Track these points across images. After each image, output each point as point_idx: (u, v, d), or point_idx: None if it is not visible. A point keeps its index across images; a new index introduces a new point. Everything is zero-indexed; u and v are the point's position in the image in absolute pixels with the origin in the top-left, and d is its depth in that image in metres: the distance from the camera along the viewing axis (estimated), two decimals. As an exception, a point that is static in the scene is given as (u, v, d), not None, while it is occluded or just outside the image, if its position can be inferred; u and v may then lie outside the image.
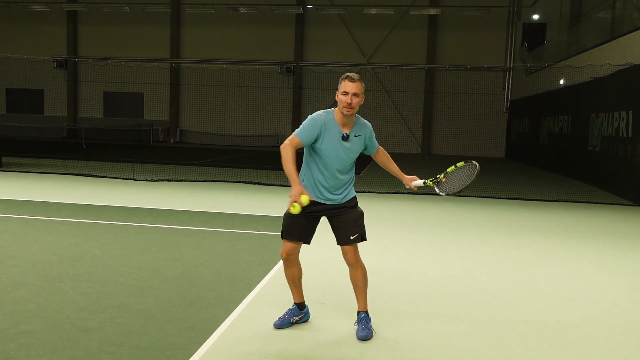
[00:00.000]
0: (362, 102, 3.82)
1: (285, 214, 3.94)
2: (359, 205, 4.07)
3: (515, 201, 11.74)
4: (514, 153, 27.38)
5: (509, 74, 28.50)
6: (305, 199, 3.57)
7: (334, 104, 3.95)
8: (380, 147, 4.20)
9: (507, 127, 28.96)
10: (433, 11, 29.57)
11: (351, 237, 3.91)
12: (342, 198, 3.96)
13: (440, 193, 4.09)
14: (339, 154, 3.85)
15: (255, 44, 31.81)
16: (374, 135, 4.09)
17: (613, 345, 4.07)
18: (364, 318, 3.99)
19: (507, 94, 28.75)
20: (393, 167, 4.20)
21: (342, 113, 3.81)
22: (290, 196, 3.61)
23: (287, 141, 3.77)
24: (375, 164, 4.30)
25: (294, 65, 30.22)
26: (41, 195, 10.15)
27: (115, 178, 12.96)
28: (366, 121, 4.05)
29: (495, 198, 12.02)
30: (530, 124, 23.89)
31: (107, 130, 30.65)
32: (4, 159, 15.24)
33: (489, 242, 7.56)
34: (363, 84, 3.83)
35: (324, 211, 3.97)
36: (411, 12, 29.41)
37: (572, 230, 8.80)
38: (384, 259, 6.32)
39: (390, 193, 12.21)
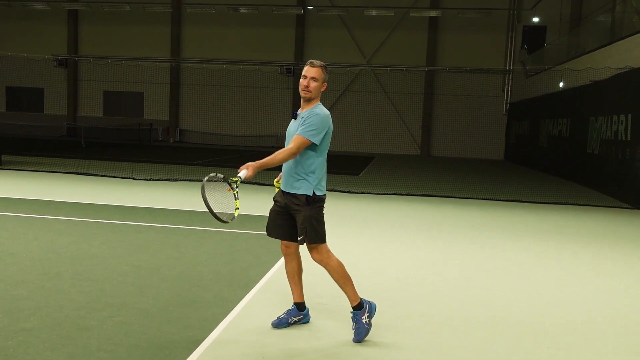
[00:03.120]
0: (323, 89, 3.98)
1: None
2: (312, 206, 3.91)
3: (514, 203, 11.76)
4: (513, 155, 27.40)
5: (509, 77, 28.54)
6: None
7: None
8: (299, 138, 3.81)
9: (506, 129, 28.99)
10: (433, 13, 29.58)
11: (298, 239, 3.98)
12: (291, 187, 3.95)
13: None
14: (288, 131, 4.05)
15: (256, 45, 31.80)
16: (308, 123, 3.83)
17: (610, 348, 4.08)
18: (354, 316, 3.95)
19: (507, 97, 28.79)
20: (273, 155, 3.82)
21: (301, 96, 3.98)
22: None
23: None
24: (375, 167, 4.31)
25: (294, 66, 30.17)
26: (41, 194, 10.15)
27: (114, 177, 12.96)
28: (322, 111, 3.90)
29: (494, 200, 12.05)
30: (530, 127, 23.91)
31: (106, 129, 30.63)
32: (4, 157, 15.24)
33: (488, 244, 7.57)
34: (326, 73, 3.96)
35: (288, 206, 3.99)
36: (411, 14, 29.42)
37: (570, 233, 8.82)
38: (383, 260, 6.34)
39: (389, 194, 12.24)
